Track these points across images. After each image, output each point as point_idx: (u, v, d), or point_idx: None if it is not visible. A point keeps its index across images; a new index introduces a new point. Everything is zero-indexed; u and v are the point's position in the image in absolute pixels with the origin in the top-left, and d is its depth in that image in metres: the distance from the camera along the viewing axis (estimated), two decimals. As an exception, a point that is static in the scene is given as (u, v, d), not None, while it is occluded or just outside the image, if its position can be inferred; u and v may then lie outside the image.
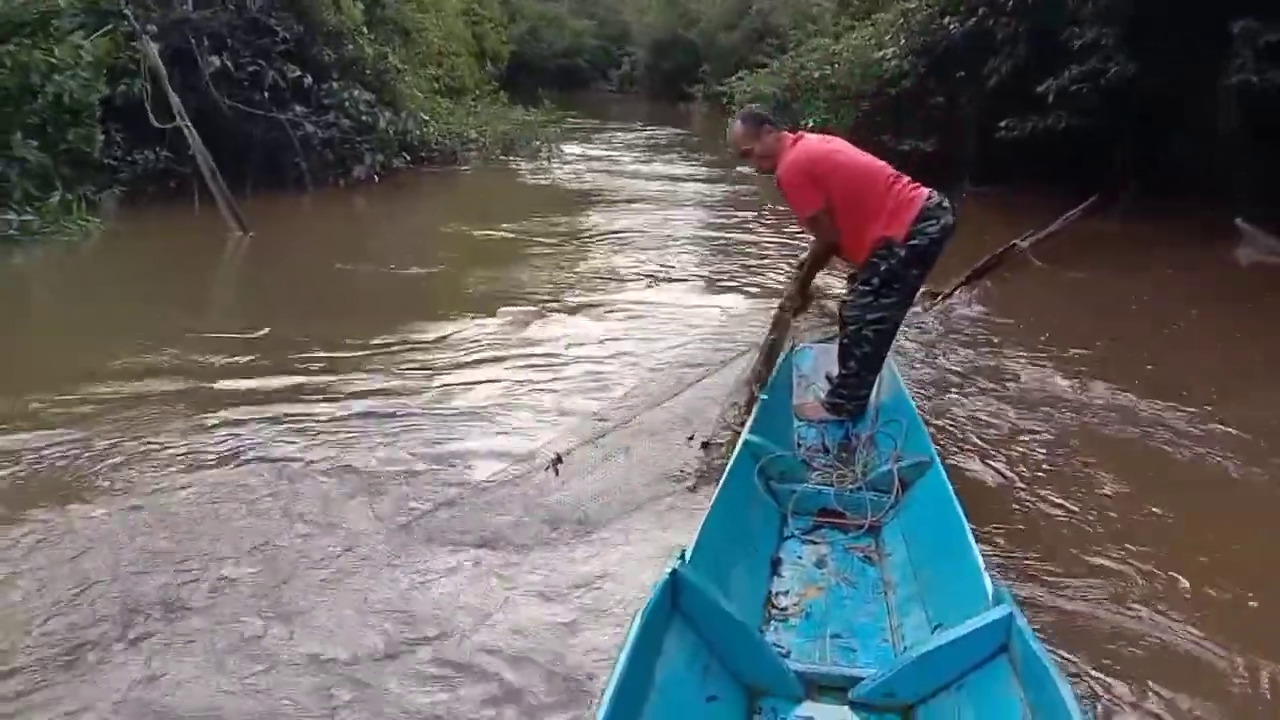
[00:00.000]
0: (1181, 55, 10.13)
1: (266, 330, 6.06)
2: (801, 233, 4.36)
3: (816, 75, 15.22)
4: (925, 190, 3.96)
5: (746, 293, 7.48)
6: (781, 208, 6.83)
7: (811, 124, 14.69)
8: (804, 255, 4.47)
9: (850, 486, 3.54)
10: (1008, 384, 5.47)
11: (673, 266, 8.60)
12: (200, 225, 9.39)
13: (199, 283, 8.01)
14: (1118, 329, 6.83)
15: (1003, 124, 12.28)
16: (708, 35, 34.61)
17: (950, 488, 3.18)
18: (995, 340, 6.39)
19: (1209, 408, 5.01)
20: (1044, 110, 11.63)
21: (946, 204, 3.93)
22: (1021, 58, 12.30)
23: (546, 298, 7.16)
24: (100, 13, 10.17)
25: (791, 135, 4.17)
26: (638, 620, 2.18)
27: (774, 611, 2.91)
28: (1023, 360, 5.88)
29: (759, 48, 27.21)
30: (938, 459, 3.46)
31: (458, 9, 17.81)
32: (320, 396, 4.90)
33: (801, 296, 4.39)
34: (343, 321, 6.44)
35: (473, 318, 6.56)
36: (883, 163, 4.10)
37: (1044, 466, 4.29)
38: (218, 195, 9.02)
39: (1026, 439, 4.62)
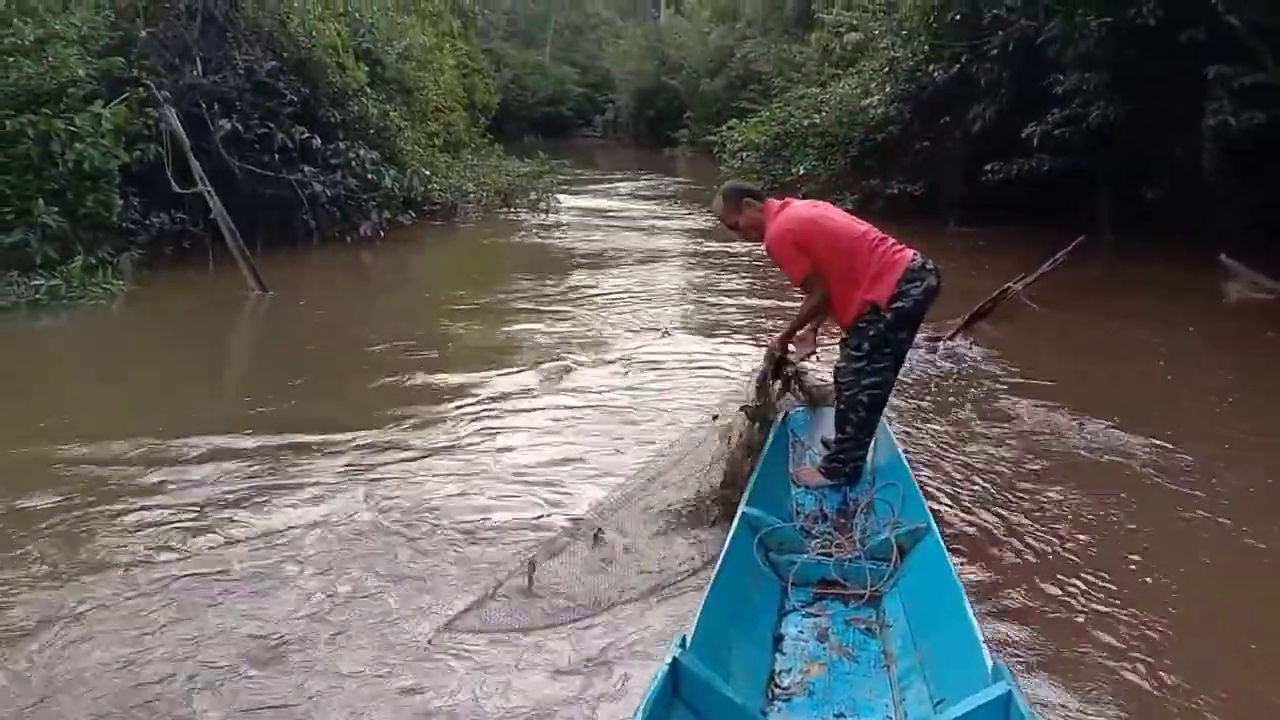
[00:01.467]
0: (1161, 99, 10.58)
1: (295, 394, 6.28)
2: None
3: (806, 123, 15.62)
4: (910, 252, 4.05)
5: (758, 340, 7.68)
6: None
7: (802, 170, 15.14)
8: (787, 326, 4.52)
9: (849, 556, 3.56)
10: (1006, 430, 5.58)
11: (686, 317, 8.87)
12: (218, 285, 9.59)
13: (226, 345, 8.28)
14: (1113, 369, 7.06)
15: (987, 167, 12.71)
16: (690, 82, 35.17)
17: (947, 555, 3.25)
18: (992, 384, 6.56)
19: (1209, 449, 5.17)
20: (1027, 153, 12.04)
21: (930, 265, 4.03)
22: (1004, 102, 12.75)
23: (566, 352, 7.34)
24: (115, 80, 10.44)
25: (777, 203, 4.27)
26: (639, 715, 2.20)
27: (777, 691, 2.91)
28: (1021, 405, 6.02)
29: (742, 94, 27.84)
30: (934, 525, 3.50)
31: (453, 65, 18.16)
32: (354, 467, 4.91)
33: (783, 348, 4.48)
34: (368, 384, 6.54)
35: (498, 375, 6.69)
36: (868, 225, 4.18)
37: (1043, 524, 4.30)
38: (238, 257, 9.26)
39: (1026, 493, 4.66)
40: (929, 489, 4.49)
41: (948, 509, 4.40)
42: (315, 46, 12.25)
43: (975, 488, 4.71)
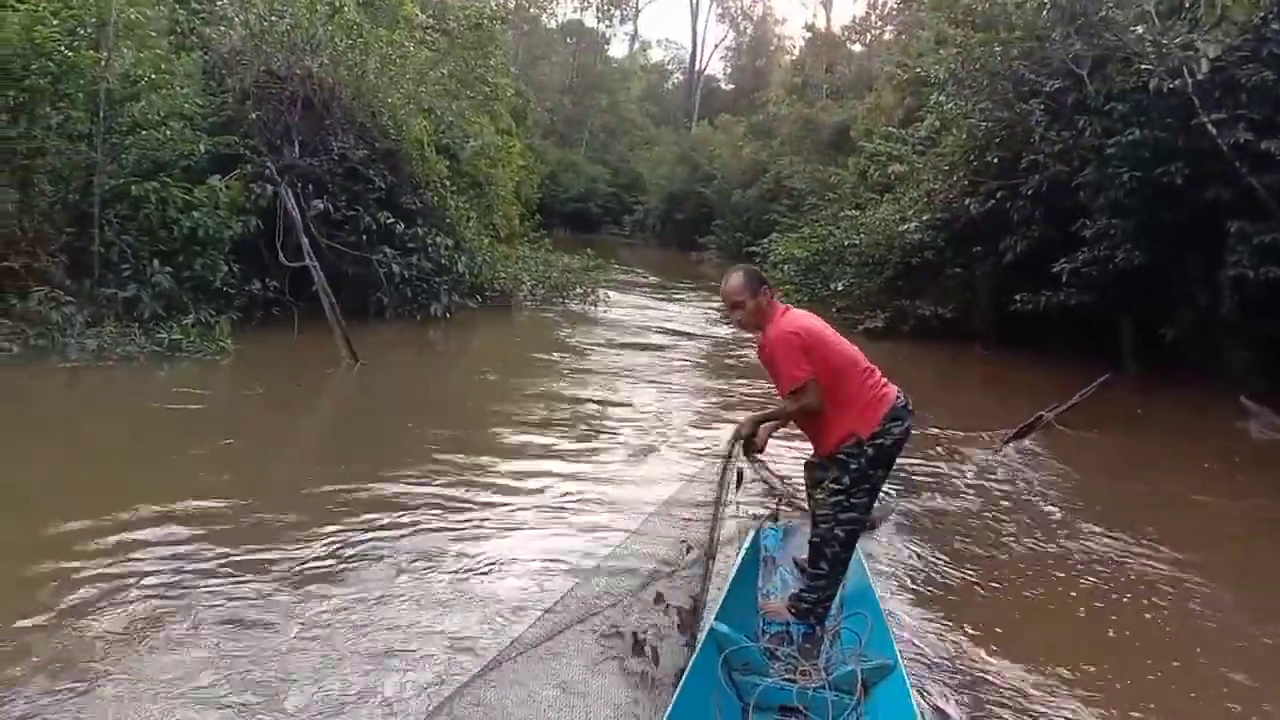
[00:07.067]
0: (1184, 248, 11.47)
1: (407, 453, 6.94)
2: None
3: (846, 243, 16.55)
4: (894, 389, 4.03)
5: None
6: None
7: (839, 286, 16.03)
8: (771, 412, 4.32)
9: (813, 685, 3.51)
10: (1020, 541, 6.08)
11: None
12: (309, 350, 10.33)
13: (336, 404, 9.07)
14: (1130, 491, 7.64)
15: (1017, 297, 13.50)
16: (721, 191, 36.52)
17: (912, 697, 3.19)
18: (1020, 498, 7.11)
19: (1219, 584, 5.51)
20: (1055, 286, 12.87)
21: (911, 407, 4.02)
22: (1035, 238, 13.61)
23: (651, 429, 8.15)
24: (221, 156, 11.31)
25: (781, 306, 4.11)
26: None
27: None
28: (1048, 517, 6.60)
29: (772, 207, 29.03)
30: (901, 663, 3.44)
31: (522, 164, 19.29)
32: (477, 522, 5.60)
33: (753, 429, 4.23)
34: (474, 448, 7.23)
35: (591, 451, 7.43)
36: (858, 352, 4.11)
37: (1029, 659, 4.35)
38: (335, 327, 10.02)
39: (1023, 622, 4.83)
40: (924, 598, 4.91)
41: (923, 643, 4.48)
42: (403, 138, 13.21)
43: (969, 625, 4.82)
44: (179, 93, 10.74)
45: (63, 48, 9.51)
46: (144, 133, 10.37)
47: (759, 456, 4.53)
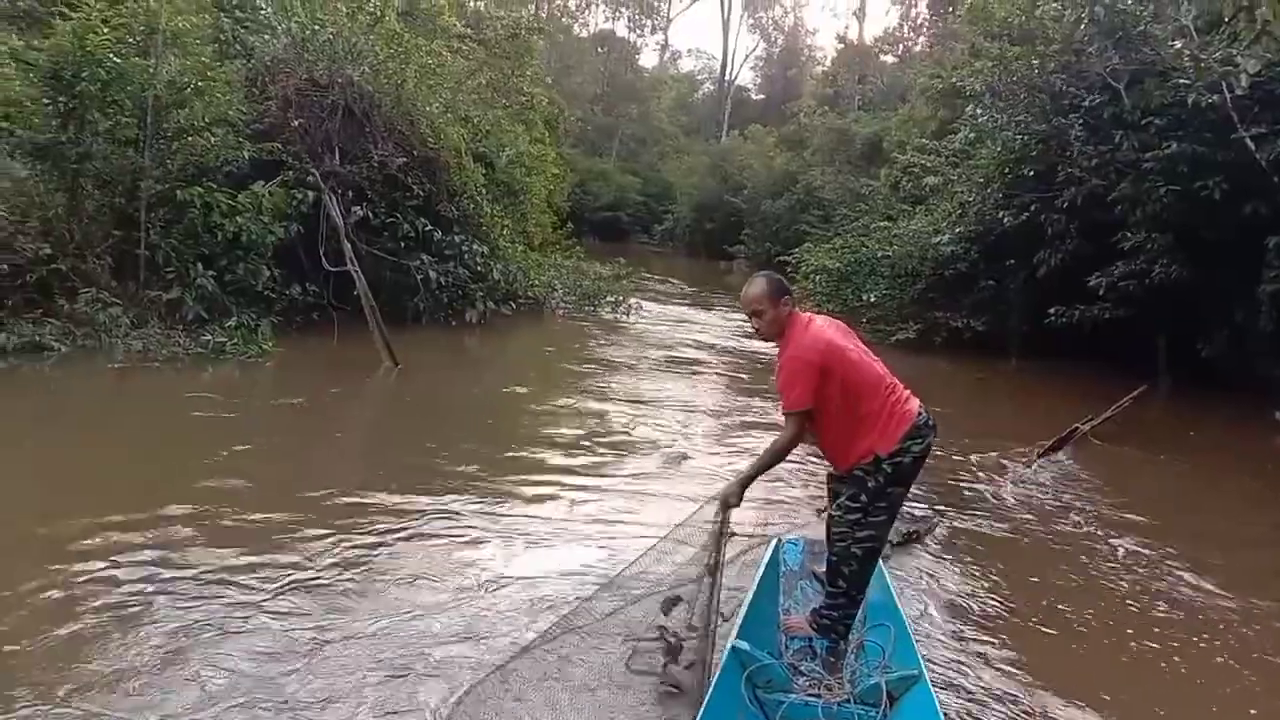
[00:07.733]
0: (1222, 262, 11.40)
1: (446, 454, 7.09)
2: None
3: (879, 254, 16.54)
4: (916, 404, 3.95)
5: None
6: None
7: (872, 298, 16.01)
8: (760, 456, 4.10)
9: (838, 699, 3.49)
10: (1052, 554, 6.09)
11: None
12: (349, 354, 10.48)
13: (378, 407, 9.26)
14: (1160, 505, 7.53)
15: (1051, 310, 13.43)
16: (752, 201, 36.49)
17: (938, 706, 3.18)
18: (1056, 525, 6.96)
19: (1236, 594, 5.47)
20: (1089, 299, 12.81)
21: (932, 423, 3.92)
22: (1069, 252, 13.55)
23: (681, 439, 8.24)
24: (264, 163, 11.50)
25: (804, 316, 4.02)
26: None
27: None
28: (1076, 529, 6.62)
29: (802, 217, 29.00)
30: (926, 673, 3.42)
31: (556, 173, 19.45)
32: (510, 529, 5.71)
33: (740, 495, 4.00)
34: (506, 456, 7.35)
35: (619, 461, 7.50)
36: (881, 366, 4.02)
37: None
38: (376, 332, 10.16)
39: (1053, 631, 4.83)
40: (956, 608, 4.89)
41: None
42: (441, 147, 13.37)
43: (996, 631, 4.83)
44: (223, 100, 10.95)
45: (112, 55, 9.75)
46: (189, 139, 10.61)
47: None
